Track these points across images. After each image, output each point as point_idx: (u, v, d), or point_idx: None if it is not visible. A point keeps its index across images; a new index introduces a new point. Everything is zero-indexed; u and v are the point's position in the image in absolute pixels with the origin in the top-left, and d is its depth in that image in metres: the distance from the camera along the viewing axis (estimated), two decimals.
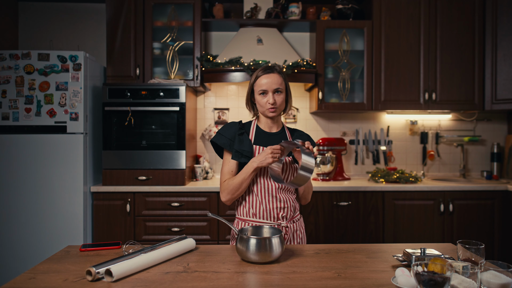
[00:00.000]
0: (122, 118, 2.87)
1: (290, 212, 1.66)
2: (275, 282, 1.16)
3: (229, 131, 1.67)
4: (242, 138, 1.65)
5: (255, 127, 1.72)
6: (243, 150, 1.62)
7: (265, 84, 1.62)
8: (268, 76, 1.63)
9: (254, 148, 1.65)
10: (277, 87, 1.62)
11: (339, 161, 3.29)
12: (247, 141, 1.64)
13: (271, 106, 1.62)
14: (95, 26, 3.50)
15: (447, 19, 3.17)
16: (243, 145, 1.63)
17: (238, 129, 1.67)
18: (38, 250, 2.72)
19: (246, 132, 1.69)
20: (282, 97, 1.65)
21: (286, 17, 3.30)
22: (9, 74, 2.73)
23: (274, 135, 1.70)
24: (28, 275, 1.20)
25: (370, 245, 1.56)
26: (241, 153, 1.62)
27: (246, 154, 1.62)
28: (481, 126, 3.58)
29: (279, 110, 1.66)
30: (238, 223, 1.69)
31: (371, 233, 2.89)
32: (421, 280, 0.92)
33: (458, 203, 2.92)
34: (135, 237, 2.80)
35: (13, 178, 2.73)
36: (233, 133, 1.66)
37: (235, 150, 1.63)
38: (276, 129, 1.72)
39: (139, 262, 1.23)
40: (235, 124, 1.70)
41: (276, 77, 1.63)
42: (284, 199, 1.64)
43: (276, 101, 1.62)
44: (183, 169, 2.87)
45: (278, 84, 1.62)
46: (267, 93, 1.62)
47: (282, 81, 1.64)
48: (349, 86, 3.22)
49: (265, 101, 1.63)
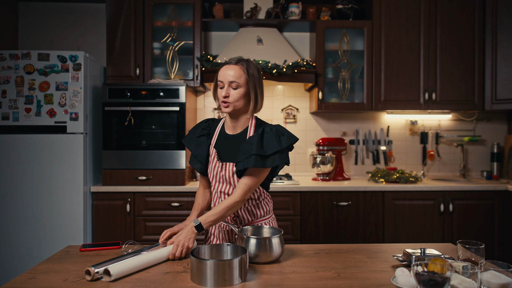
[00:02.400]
0: (122, 118, 2.87)
1: (247, 217, 1.56)
2: (275, 282, 1.16)
3: (196, 130, 1.63)
4: (201, 140, 1.59)
5: (219, 128, 1.61)
6: (197, 154, 1.58)
7: (221, 75, 1.49)
8: (228, 67, 1.49)
9: (211, 151, 1.56)
10: (233, 80, 1.46)
11: (339, 161, 3.29)
12: (204, 145, 1.58)
13: (223, 99, 1.48)
14: (95, 26, 3.50)
15: (447, 19, 3.17)
16: (198, 149, 1.58)
17: (201, 129, 1.60)
18: (38, 250, 2.72)
19: (210, 134, 1.60)
20: (239, 93, 1.47)
21: (286, 17, 3.30)
22: (9, 74, 2.73)
23: (233, 138, 1.55)
24: (28, 275, 1.20)
25: (370, 245, 1.56)
26: (195, 157, 1.59)
27: (200, 160, 1.58)
28: (481, 126, 3.58)
29: (234, 106, 1.48)
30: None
31: (371, 233, 2.89)
32: (421, 280, 0.92)
33: (458, 203, 2.92)
34: (135, 237, 2.80)
35: (13, 178, 2.72)
36: (198, 133, 1.61)
37: (192, 154, 1.60)
38: (239, 129, 1.55)
39: (138, 262, 1.23)
40: (201, 124, 1.63)
41: (237, 69, 1.47)
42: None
43: (229, 94, 1.47)
44: (183, 169, 2.87)
45: (235, 77, 1.46)
46: (223, 85, 1.48)
47: (241, 74, 1.47)
48: (349, 86, 3.22)
49: (220, 94, 1.50)
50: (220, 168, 1.53)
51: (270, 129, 1.48)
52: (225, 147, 1.55)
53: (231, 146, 1.53)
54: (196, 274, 1.12)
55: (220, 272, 1.09)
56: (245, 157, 1.44)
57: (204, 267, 1.10)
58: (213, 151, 1.56)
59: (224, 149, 1.55)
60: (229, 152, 1.53)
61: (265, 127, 1.50)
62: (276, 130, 1.48)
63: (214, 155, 1.55)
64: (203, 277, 1.10)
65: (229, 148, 1.54)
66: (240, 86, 1.47)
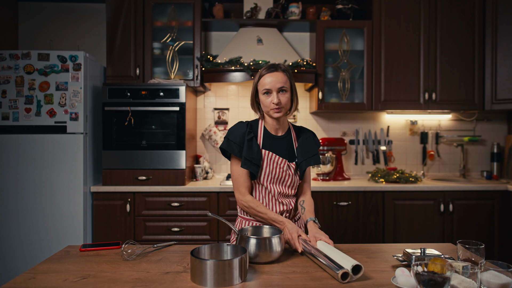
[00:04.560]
0: (122, 118, 2.87)
1: (292, 213, 1.68)
2: (275, 282, 1.16)
3: (238, 135, 1.59)
4: (252, 144, 1.57)
5: (262, 129, 1.64)
6: (252, 157, 1.56)
7: (268, 83, 1.55)
8: (272, 75, 1.55)
9: (263, 153, 1.59)
10: (282, 85, 1.55)
11: (339, 161, 3.29)
12: (256, 147, 1.57)
13: (275, 106, 1.54)
14: (95, 26, 3.50)
15: (447, 19, 3.17)
16: (251, 152, 1.56)
17: (247, 132, 1.59)
18: (38, 250, 2.72)
19: (255, 136, 1.61)
20: (287, 97, 1.57)
21: (286, 17, 3.30)
22: (9, 74, 2.73)
23: (280, 139, 1.65)
24: (28, 275, 1.20)
25: (370, 245, 1.56)
26: (250, 161, 1.56)
27: (255, 162, 1.56)
28: (481, 126, 3.58)
29: (284, 110, 1.58)
30: (241, 222, 1.68)
31: (371, 233, 2.89)
32: (421, 280, 0.92)
33: (458, 203, 2.92)
34: (135, 237, 2.80)
35: (13, 178, 2.72)
36: (241, 138, 1.58)
37: (244, 158, 1.56)
38: (282, 131, 1.66)
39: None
40: (243, 127, 1.61)
41: (281, 75, 1.56)
42: (286, 202, 1.64)
43: (280, 100, 1.54)
44: (183, 169, 2.87)
45: (283, 82, 1.55)
46: (271, 93, 1.55)
47: (287, 79, 1.57)
48: (349, 86, 3.22)
49: (269, 101, 1.55)
50: (281, 167, 1.60)
51: (312, 133, 1.73)
52: (275, 148, 1.61)
53: (281, 147, 1.63)
54: (196, 274, 1.12)
55: (220, 272, 1.09)
56: (308, 156, 1.62)
57: (204, 267, 1.10)
58: (267, 153, 1.59)
59: (276, 149, 1.61)
60: (282, 151, 1.63)
61: (307, 129, 1.74)
62: (312, 133, 1.74)
63: (270, 157, 1.59)
64: (203, 277, 1.10)
65: (280, 149, 1.62)
66: (287, 91, 1.58)
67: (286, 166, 1.61)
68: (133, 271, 1.24)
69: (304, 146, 1.64)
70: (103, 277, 1.19)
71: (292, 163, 1.63)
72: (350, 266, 1.16)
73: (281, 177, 1.61)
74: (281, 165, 1.60)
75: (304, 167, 1.63)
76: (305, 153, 1.63)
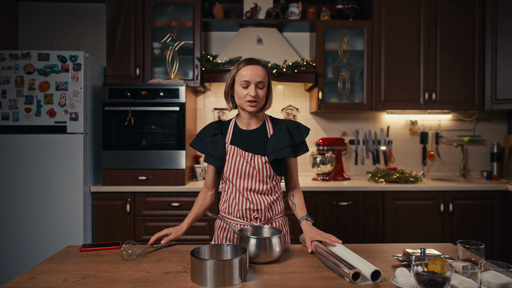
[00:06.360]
0: (122, 118, 2.87)
1: (267, 214, 1.59)
2: (275, 282, 1.16)
3: (206, 133, 1.64)
4: (216, 139, 1.60)
5: (233, 126, 1.65)
6: (214, 152, 1.58)
7: (248, 75, 1.52)
8: (253, 67, 1.53)
9: (228, 148, 1.59)
10: (261, 80, 1.52)
11: (339, 161, 3.29)
12: (221, 143, 1.59)
13: (252, 99, 1.52)
14: (95, 26, 3.50)
15: (447, 19, 3.17)
16: (215, 147, 1.58)
17: (213, 129, 1.62)
18: (38, 250, 2.72)
19: (223, 132, 1.63)
20: (264, 92, 1.55)
21: (286, 17, 3.30)
22: (9, 74, 2.73)
23: (251, 133, 1.61)
24: (28, 275, 1.20)
25: (370, 245, 1.56)
26: (213, 154, 1.58)
27: (218, 156, 1.57)
28: (481, 126, 3.58)
29: (259, 105, 1.55)
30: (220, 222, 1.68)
31: (371, 233, 2.89)
32: (421, 280, 0.92)
33: (458, 203, 2.92)
34: (135, 237, 2.80)
35: (13, 178, 2.72)
36: (209, 135, 1.62)
37: (207, 152, 1.59)
38: (255, 125, 1.62)
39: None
40: (212, 125, 1.65)
41: (261, 70, 1.54)
42: (256, 201, 1.57)
43: (257, 94, 1.53)
44: (183, 169, 2.87)
45: (262, 77, 1.53)
46: (249, 85, 1.52)
47: (266, 75, 1.55)
48: (349, 86, 3.22)
49: (245, 93, 1.52)
50: (248, 161, 1.56)
51: (291, 123, 1.63)
52: (243, 142, 1.59)
53: (251, 141, 1.60)
54: (196, 274, 1.12)
55: (220, 272, 1.09)
56: (278, 149, 1.55)
57: (204, 267, 1.10)
58: (232, 148, 1.58)
59: (243, 144, 1.59)
60: (251, 146, 1.59)
61: (285, 121, 1.64)
62: (294, 123, 1.64)
63: (234, 151, 1.58)
64: (203, 277, 1.10)
65: (249, 143, 1.59)
66: (265, 86, 1.56)
67: (252, 160, 1.56)
68: (133, 271, 1.24)
69: (275, 138, 1.57)
70: (103, 277, 1.19)
71: (261, 157, 1.57)
72: (369, 272, 1.14)
73: (246, 171, 1.56)
74: (247, 159, 1.56)
75: (271, 159, 1.54)
76: (274, 145, 1.55)
